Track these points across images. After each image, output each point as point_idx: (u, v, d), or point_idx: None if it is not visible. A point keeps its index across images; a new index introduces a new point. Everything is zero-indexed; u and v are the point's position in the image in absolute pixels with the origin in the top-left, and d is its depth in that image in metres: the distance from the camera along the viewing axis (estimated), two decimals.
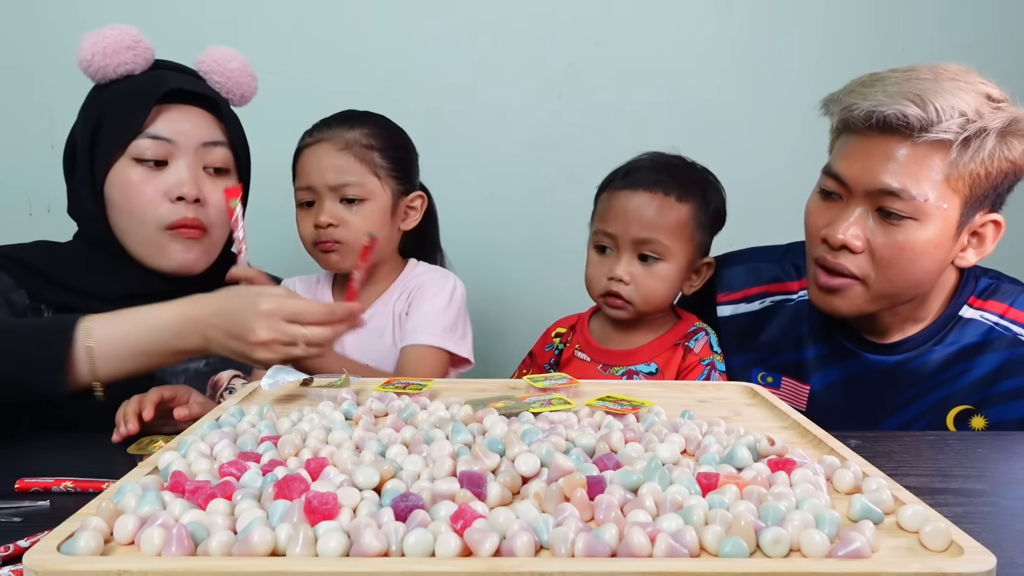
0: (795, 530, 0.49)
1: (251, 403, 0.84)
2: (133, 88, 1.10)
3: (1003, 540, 0.65)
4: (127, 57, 1.10)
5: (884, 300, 1.05)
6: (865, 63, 1.11)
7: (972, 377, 1.09)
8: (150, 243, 1.10)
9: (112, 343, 0.91)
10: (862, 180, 1.00)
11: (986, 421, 1.09)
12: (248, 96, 1.21)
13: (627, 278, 1.17)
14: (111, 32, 1.10)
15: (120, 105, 1.10)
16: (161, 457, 0.64)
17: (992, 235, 1.04)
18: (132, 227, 1.10)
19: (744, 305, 1.23)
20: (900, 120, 0.96)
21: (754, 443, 0.66)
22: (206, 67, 1.17)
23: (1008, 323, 1.09)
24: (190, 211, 1.10)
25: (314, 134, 1.23)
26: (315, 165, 1.20)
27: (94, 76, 1.11)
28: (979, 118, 0.95)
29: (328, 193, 1.19)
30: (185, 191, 1.09)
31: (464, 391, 0.88)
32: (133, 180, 1.09)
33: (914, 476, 0.81)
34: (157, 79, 1.11)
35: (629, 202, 1.17)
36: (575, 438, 0.67)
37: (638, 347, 1.22)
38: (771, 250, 1.26)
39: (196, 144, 1.11)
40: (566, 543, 0.47)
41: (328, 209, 1.19)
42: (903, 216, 0.98)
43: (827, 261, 1.04)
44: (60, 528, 0.51)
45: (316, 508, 0.50)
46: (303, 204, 1.22)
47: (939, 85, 0.96)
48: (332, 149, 1.20)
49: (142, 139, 1.09)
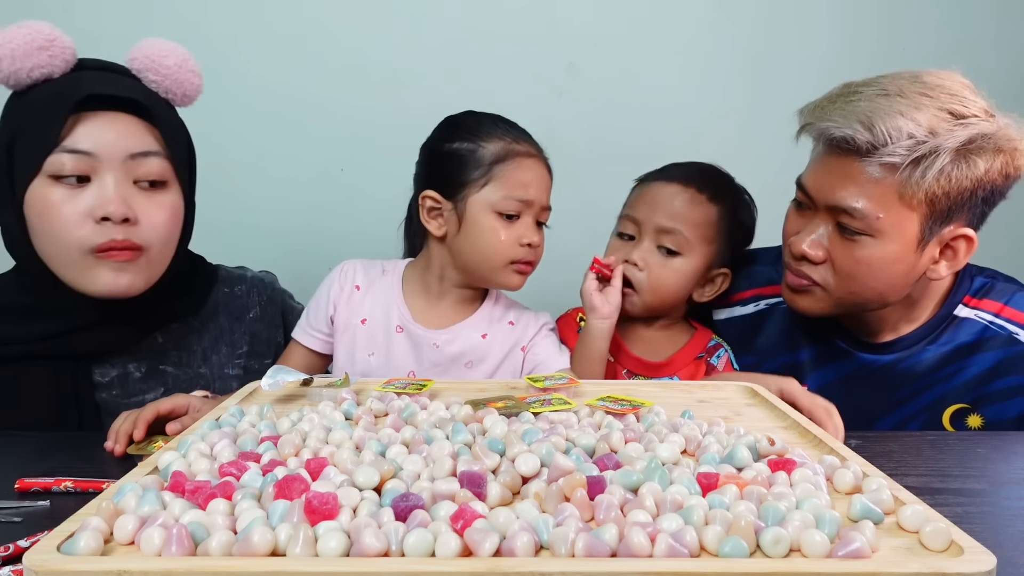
0: (795, 530, 0.49)
1: (251, 403, 0.84)
2: (47, 95, 0.98)
3: (1003, 540, 0.65)
4: (41, 59, 0.97)
5: (848, 305, 1.07)
6: (866, 63, 1.11)
7: (967, 376, 1.10)
8: (75, 267, 0.99)
9: None
10: (821, 195, 1.03)
11: (982, 420, 1.10)
12: (192, 95, 1.07)
13: (641, 263, 1.17)
14: (19, 32, 0.97)
15: (33, 115, 0.98)
16: (161, 457, 0.64)
17: (964, 250, 1.04)
18: (55, 250, 0.99)
19: (739, 308, 1.24)
20: (849, 144, 0.98)
21: (754, 443, 0.66)
22: (139, 64, 1.03)
23: (1003, 322, 1.10)
24: (119, 232, 0.97)
25: (522, 143, 1.12)
26: (537, 181, 1.11)
27: (6, 82, 0.99)
28: (931, 137, 0.95)
29: (540, 214, 1.12)
30: (110, 210, 0.96)
31: (464, 391, 0.88)
32: (52, 200, 0.97)
33: (914, 476, 0.81)
34: (74, 83, 0.98)
35: (660, 191, 1.18)
36: (575, 438, 0.67)
37: (664, 360, 1.22)
38: (765, 253, 1.27)
39: (123, 156, 0.98)
40: (566, 543, 0.47)
41: (537, 232, 1.12)
42: (859, 232, 1.01)
43: (791, 267, 1.08)
44: (60, 528, 0.50)
45: (316, 508, 0.50)
46: (507, 215, 1.09)
47: (894, 105, 0.97)
48: (545, 169, 1.14)
49: (59, 153, 0.96)
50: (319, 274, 1.21)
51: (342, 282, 1.16)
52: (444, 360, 1.13)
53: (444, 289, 1.15)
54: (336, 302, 1.15)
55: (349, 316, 1.15)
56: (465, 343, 1.13)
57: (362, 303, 1.15)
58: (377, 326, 1.14)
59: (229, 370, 1.15)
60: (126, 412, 0.91)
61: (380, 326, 1.14)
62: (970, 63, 1.03)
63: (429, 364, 1.13)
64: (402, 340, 1.14)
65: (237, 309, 1.18)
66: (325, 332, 1.16)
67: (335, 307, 1.15)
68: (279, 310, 1.23)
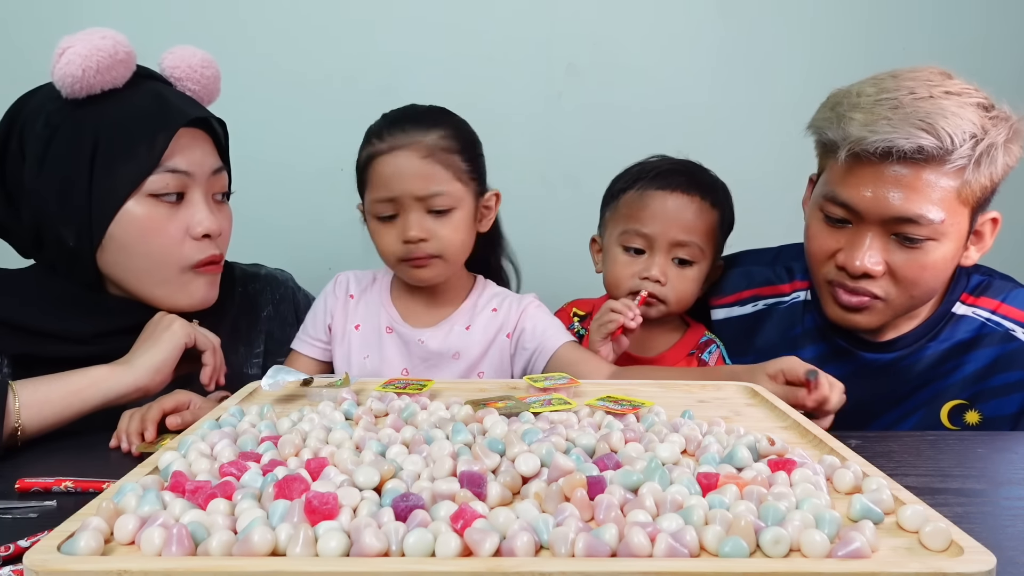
0: (795, 530, 0.49)
1: (251, 403, 0.84)
2: (137, 113, 0.98)
3: (1003, 540, 0.65)
4: (120, 72, 0.97)
5: (903, 311, 1.07)
6: (866, 63, 1.11)
7: (965, 372, 1.11)
8: (171, 284, 1.02)
9: (39, 407, 0.89)
10: (876, 209, 0.99)
11: (980, 416, 1.10)
12: (213, 102, 1.11)
13: (664, 279, 1.18)
14: (103, 43, 0.95)
15: (125, 133, 0.97)
16: (161, 457, 0.64)
17: (990, 231, 1.06)
18: (149, 268, 1.01)
19: (737, 308, 1.24)
20: (918, 154, 0.95)
21: (754, 443, 0.66)
22: (180, 73, 1.05)
23: (1000, 318, 1.10)
24: (213, 247, 1.03)
25: (386, 139, 1.09)
26: (396, 175, 1.07)
27: (77, 93, 0.96)
28: (985, 135, 0.96)
29: (414, 204, 1.08)
30: (210, 227, 1.01)
31: (464, 391, 0.88)
32: (151, 218, 0.99)
33: (914, 476, 0.80)
34: (161, 102, 1.00)
35: (666, 203, 1.18)
36: (575, 438, 0.67)
37: (656, 355, 1.23)
38: (762, 253, 1.27)
39: (208, 173, 1.03)
40: (566, 543, 0.47)
41: (416, 222, 1.07)
42: (923, 239, 0.99)
43: (847, 286, 1.04)
44: (60, 528, 0.50)
45: (316, 508, 0.50)
46: (382, 217, 1.10)
47: (941, 106, 0.96)
48: (414, 157, 1.07)
49: (162, 173, 0.98)
50: (318, 274, 1.21)
51: (337, 292, 1.20)
52: (431, 355, 1.15)
53: (418, 288, 1.17)
54: (333, 311, 1.18)
55: (345, 323, 1.18)
56: (449, 336, 1.15)
57: (355, 310, 1.19)
58: (369, 330, 1.17)
59: (248, 370, 1.15)
60: (129, 411, 0.91)
61: (372, 330, 1.17)
62: (970, 63, 1.03)
63: (418, 361, 1.15)
64: (392, 340, 1.16)
65: (251, 309, 1.20)
66: (324, 340, 1.18)
67: (332, 316, 1.18)
68: (292, 308, 1.24)
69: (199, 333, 1.02)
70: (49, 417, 0.90)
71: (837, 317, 1.08)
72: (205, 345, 1.02)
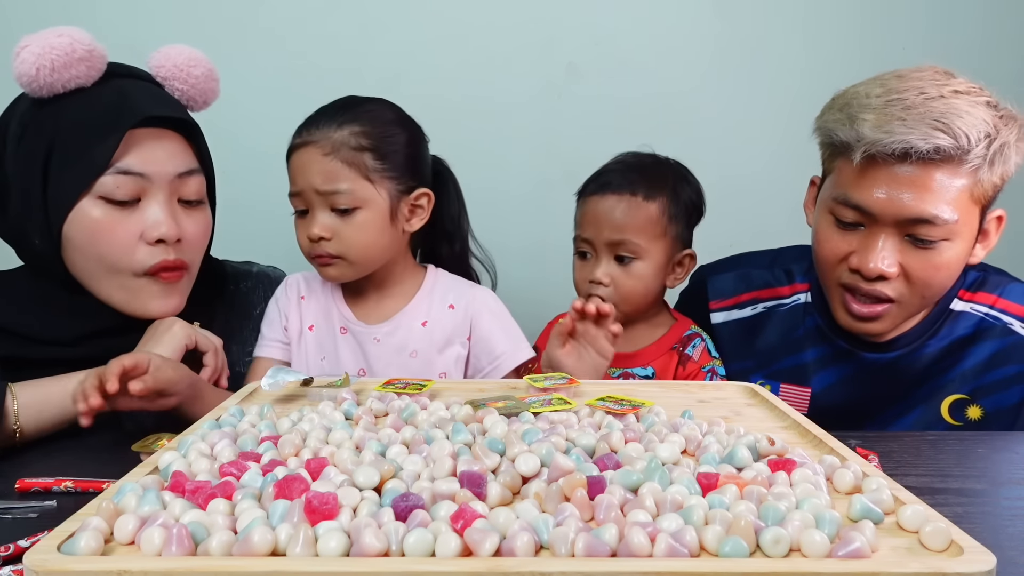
0: (795, 530, 0.49)
1: (251, 403, 0.84)
2: (94, 112, 0.95)
3: (1003, 540, 0.65)
4: (80, 70, 0.94)
5: (915, 312, 1.07)
6: (866, 63, 1.11)
7: (965, 367, 1.11)
8: (124, 289, 0.99)
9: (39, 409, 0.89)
10: (890, 210, 0.98)
11: (982, 410, 1.11)
12: (210, 102, 1.07)
13: (606, 280, 1.20)
14: (58, 41, 0.92)
15: (77, 131, 0.94)
16: (161, 457, 0.64)
17: (995, 228, 1.06)
18: (101, 272, 0.98)
19: (736, 311, 1.24)
20: (935, 154, 0.95)
21: (754, 443, 0.66)
22: (166, 72, 1.02)
23: (998, 313, 1.11)
24: (170, 253, 0.98)
25: (302, 132, 1.09)
26: (302, 171, 1.07)
27: (37, 92, 0.94)
28: (998, 134, 0.96)
29: (319, 201, 1.07)
30: (166, 232, 0.97)
31: (464, 391, 0.88)
32: (102, 221, 0.95)
33: (914, 476, 0.81)
34: (120, 101, 0.96)
35: (599, 206, 1.20)
36: (575, 438, 0.67)
37: (637, 350, 1.24)
38: (760, 256, 1.27)
39: (171, 176, 0.98)
40: (566, 543, 0.47)
41: (320, 220, 1.07)
42: (938, 239, 0.99)
43: (861, 289, 1.04)
44: (60, 528, 0.50)
45: (316, 508, 0.50)
46: (297, 212, 1.11)
47: (953, 105, 0.95)
48: (318, 154, 1.06)
49: (113, 175, 0.94)
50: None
51: (289, 294, 1.18)
52: (387, 353, 1.13)
53: (369, 283, 1.15)
54: (286, 312, 1.17)
55: (299, 324, 1.16)
56: (406, 333, 1.13)
57: (307, 311, 1.17)
58: (322, 331, 1.16)
59: (241, 368, 1.15)
60: (87, 371, 0.89)
61: (325, 331, 1.16)
62: (970, 63, 1.03)
63: (375, 360, 1.13)
64: (347, 340, 1.15)
65: (243, 307, 1.19)
66: (283, 340, 1.17)
67: (286, 317, 1.17)
68: None
69: (200, 335, 1.02)
70: (48, 419, 0.91)
71: (849, 324, 1.08)
72: (206, 347, 1.02)
